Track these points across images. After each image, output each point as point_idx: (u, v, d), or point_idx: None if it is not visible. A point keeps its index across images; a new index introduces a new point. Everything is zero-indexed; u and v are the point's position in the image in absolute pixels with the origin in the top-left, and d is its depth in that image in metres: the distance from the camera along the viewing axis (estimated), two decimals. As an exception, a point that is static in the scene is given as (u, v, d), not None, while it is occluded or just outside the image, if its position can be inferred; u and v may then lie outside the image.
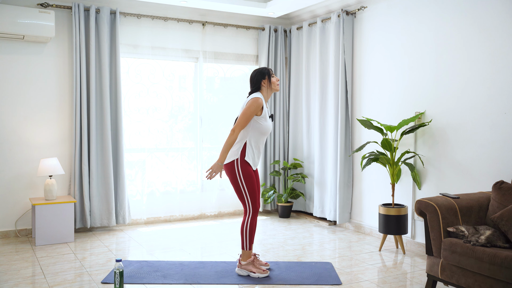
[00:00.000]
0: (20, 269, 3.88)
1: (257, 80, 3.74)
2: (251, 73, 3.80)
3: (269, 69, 3.79)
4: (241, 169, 3.63)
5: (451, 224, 3.19)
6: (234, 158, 3.64)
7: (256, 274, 3.66)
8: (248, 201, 3.67)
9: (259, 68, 3.80)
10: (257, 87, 3.75)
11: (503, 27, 3.78)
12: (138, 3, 5.40)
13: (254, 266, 3.70)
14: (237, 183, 3.65)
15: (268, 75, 3.76)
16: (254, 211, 3.67)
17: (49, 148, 5.08)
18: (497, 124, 3.83)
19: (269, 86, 3.77)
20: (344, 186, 5.32)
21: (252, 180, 3.65)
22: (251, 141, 3.66)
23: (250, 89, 3.78)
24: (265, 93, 3.76)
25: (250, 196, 3.65)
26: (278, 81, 3.81)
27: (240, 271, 3.72)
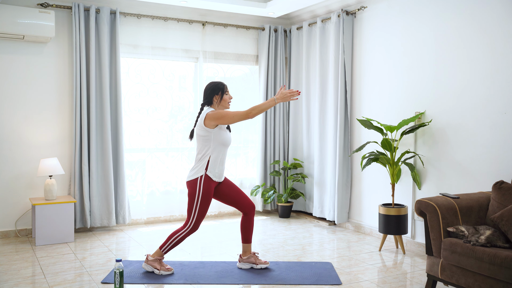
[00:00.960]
0: (20, 269, 3.88)
1: (210, 94, 3.72)
2: (206, 84, 3.80)
3: (224, 85, 3.76)
4: (203, 187, 3.62)
5: (451, 224, 3.19)
6: (199, 175, 3.63)
7: (160, 271, 3.70)
8: (193, 218, 3.66)
9: (215, 82, 3.77)
10: (209, 101, 3.73)
11: (503, 27, 3.78)
12: (138, 3, 5.40)
13: (160, 264, 3.73)
14: (193, 199, 3.64)
15: (222, 91, 3.73)
16: (193, 229, 3.68)
17: (49, 148, 5.09)
18: (497, 124, 3.83)
19: (218, 103, 3.73)
20: (342, 186, 5.32)
21: (207, 202, 3.66)
22: (213, 155, 3.65)
23: (203, 101, 3.76)
24: (215, 108, 3.73)
25: (198, 216, 3.66)
26: (230, 100, 3.76)
27: (146, 266, 3.76)
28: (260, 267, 3.84)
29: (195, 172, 3.65)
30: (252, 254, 3.91)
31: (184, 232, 3.68)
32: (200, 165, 3.65)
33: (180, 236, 3.68)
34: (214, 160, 3.65)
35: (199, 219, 3.67)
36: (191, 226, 3.67)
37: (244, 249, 3.90)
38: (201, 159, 3.66)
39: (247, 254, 3.90)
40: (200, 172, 3.64)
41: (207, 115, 3.61)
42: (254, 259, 3.88)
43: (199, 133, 3.67)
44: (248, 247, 3.89)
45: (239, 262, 3.92)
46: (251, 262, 3.88)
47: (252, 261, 3.88)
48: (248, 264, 3.88)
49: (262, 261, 3.89)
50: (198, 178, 3.63)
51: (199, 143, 3.70)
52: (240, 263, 3.89)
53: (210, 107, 3.73)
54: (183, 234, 3.68)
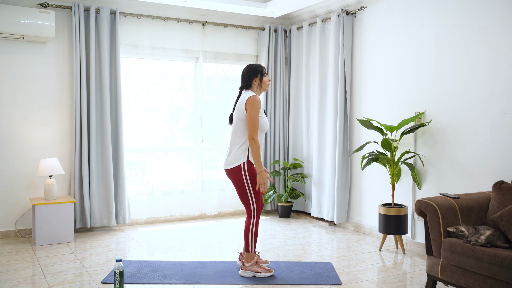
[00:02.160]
0: (20, 269, 3.88)
1: (249, 77, 3.65)
2: (243, 68, 3.71)
3: (262, 67, 3.69)
4: (248, 171, 3.58)
5: (451, 224, 3.19)
6: (241, 161, 3.57)
7: (262, 274, 3.65)
8: (253, 203, 3.62)
9: (253, 65, 3.69)
10: (248, 83, 3.66)
11: (503, 27, 3.78)
12: (138, 3, 5.40)
13: (259, 266, 3.69)
14: (243, 186, 3.59)
15: (261, 74, 3.67)
16: (258, 213, 3.65)
17: (49, 148, 5.08)
18: (497, 124, 3.83)
19: (259, 85, 3.68)
20: (342, 186, 5.32)
21: (256, 182, 3.61)
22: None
23: (241, 84, 3.70)
24: (255, 91, 3.67)
25: (255, 198, 3.62)
26: (269, 81, 3.72)
27: (245, 273, 3.68)
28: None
29: (237, 158, 3.58)
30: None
31: (254, 222, 3.63)
32: (240, 151, 3.58)
33: (253, 227, 3.63)
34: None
35: (258, 201, 3.63)
36: (255, 211, 3.63)
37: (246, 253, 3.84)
38: (241, 145, 3.59)
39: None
40: (242, 158, 3.57)
41: (249, 99, 3.53)
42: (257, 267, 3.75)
43: (240, 116, 3.59)
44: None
45: (241, 269, 3.75)
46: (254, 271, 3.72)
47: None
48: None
49: (262, 260, 3.87)
50: (241, 165, 3.57)
51: (238, 128, 3.61)
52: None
53: (250, 90, 3.65)
54: (255, 223, 3.63)
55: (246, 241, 3.66)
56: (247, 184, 3.58)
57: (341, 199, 5.33)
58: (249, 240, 3.65)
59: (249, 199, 3.62)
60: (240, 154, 3.58)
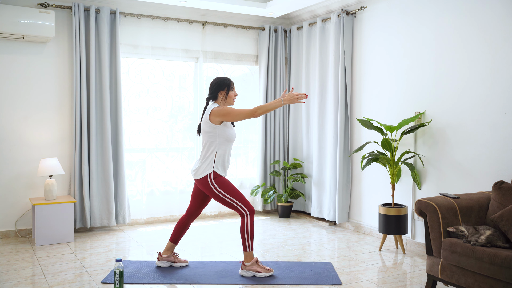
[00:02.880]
0: (20, 269, 3.88)
1: (216, 89, 3.71)
2: (212, 79, 3.78)
3: (230, 82, 3.74)
4: (215, 182, 3.62)
5: (451, 224, 3.19)
6: (206, 173, 3.63)
7: (262, 273, 3.66)
8: (239, 206, 3.65)
9: (222, 78, 3.75)
10: (214, 96, 3.72)
11: (503, 27, 3.78)
12: (138, 3, 5.40)
13: (259, 266, 3.69)
14: (218, 196, 3.64)
15: (228, 88, 3.72)
16: (250, 212, 3.67)
17: (49, 148, 5.08)
18: (497, 124, 3.83)
19: (224, 99, 3.72)
20: (343, 186, 5.32)
21: (230, 186, 3.65)
22: (219, 152, 3.65)
23: (208, 95, 3.76)
24: (220, 103, 3.72)
25: (239, 200, 3.65)
26: (235, 96, 3.76)
27: (245, 273, 3.69)
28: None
29: (204, 169, 3.64)
30: (172, 253, 3.94)
31: (248, 221, 3.65)
32: (207, 163, 3.64)
33: (247, 225, 3.64)
34: (221, 156, 3.65)
35: (243, 201, 3.65)
36: (246, 211, 3.65)
37: (167, 247, 3.91)
38: (208, 156, 3.65)
39: (168, 253, 3.91)
40: (208, 169, 3.63)
41: (212, 111, 3.60)
42: (174, 258, 3.92)
43: (205, 128, 3.66)
44: (172, 247, 3.91)
45: (158, 259, 3.91)
46: (170, 261, 3.91)
47: (171, 260, 3.91)
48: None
49: (181, 260, 3.94)
50: (207, 176, 3.62)
51: (204, 138, 3.69)
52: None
53: (215, 102, 3.71)
54: (248, 222, 3.65)
55: (242, 240, 3.68)
56: (221, 194, 3.63)
57: (343, 199, 5.33)
58: (245, 239, 3.67)
59: (232, 204, 3.65)
60: (206, 166, 3.65)
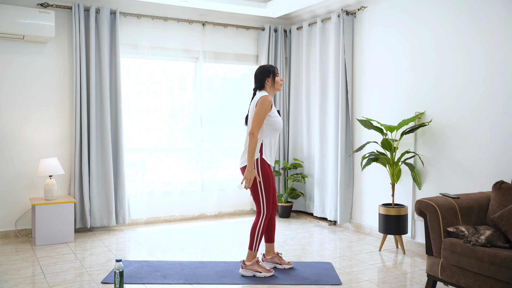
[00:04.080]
0: (20, 269, 3.88)
1: (262, 78, 3.72)
2: (256, 69, 3.79)
3: (274, 68, 3.76)
4: (261, 169, 3.62)
5: (451, 224, 3.19)
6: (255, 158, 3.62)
7: (262, 273, 3.66)
8: (263, 203, 3.65)
9: (265, 66, 3.77)
10: (261, 84, 3.73)
11: (503, 27, 3.78)
12: (138, 3, 5.40)
13: (259, 266, 3.70)
14: (254, 184, 3.63)
15: (273, 74, 3.74)
16: (267, 213, 3.67)
17: (49, 148, 5.09)
18: (497, 124, 3.83)
19: (272, 85, 3.75)
20: (344, 186, 5.32)
21: (269, 182, 3.65)
22: (266, 139, 3.66)
23: (254, 85, 3.77)
24: (269, 91, 3.74)
25: (266, 198, 3.65)
26: (281, 81, 3.79)
27: (245, 272, 3.70)
28: (283, 267, 3.82)
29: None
30: (276, 254, 3.91)
31: (262, 221, 3.66)
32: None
33: (261, 226, 3.66)
34: (267, 144, 3.66)
35: (269, 201, 3.66)
36: (265, 211, 3.66)
37: (267, 248, 3.91)
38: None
39: (270, 253, 3.91)
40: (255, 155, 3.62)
41: (260, 98, 3.61)
42: (278, 259, 3.89)
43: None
44: (271, 247, 3.90)
45: (262, 261, 3.90)
46: (275, 262, 3.88)
47: (275, 261, 3.88)
48: (271, 263, 3.87)
49: (285, 262, 3.90)
50: (254, 162, 3.60)
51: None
52: (264, 262, 3.88)
53: (263, 91, 3.71)
54: (262, 223, 3.66)
55: (251, 239, 3.68)
56: (259, 183, 3.63)
57: (344, 199, 5.33)
58: (254, 238, 3.67)
59: (259, 197, 3.65)
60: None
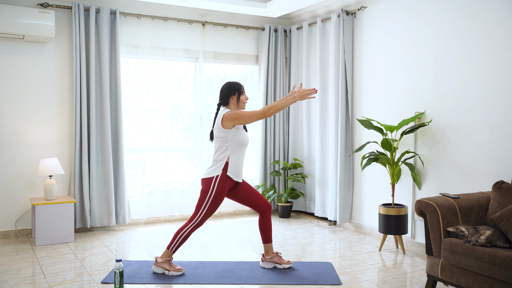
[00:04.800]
0: (20, 269, 3.88)
1: (227, 95, 3.73)
2: (223, 84, 3.80)
3: (241, 86, 3.78)
4: (217, 187, 3.63)
5: (451, 224, 3.19)
6: (215, 174, 3.64)
7: (170, 272, 3.70)
8: (200, 215, 3.67)
9: (232, 83, 3.78)
10: (225, 101, 3.74)
11: (503, 27, 3.78)
12: (138, 3, 5.40)
13: (170, 265, 3.73)
14: (205, 196, 3.65)
15: (239, 92, 3.75)
16: (198, 225, 3.70)
17: (49, 148, 5.09)
18: (497, 124, 3.83)
19: (236, 103, 3.75)
20: (344, 186, 5.32)
21: (218, 202, 3.67)
22: (232, 156, 3.66)
23: (219, 101, 3.78)
24: (232, 109, 3.74)
25: (206, 213, 3.67)
26: (246, 100, 3.79)
27: (156, 269, 3.74)
28: (283, 267, 3.85)
29: (212, 170, 3.66)
30: (275, 253, 3.93)
31: (189, 228, 3.68)
32: (218, 165, 3.65)
33: (186, 232, 3.68)
34: (234, 160, 3.67)
35: (206, 216, 3.68)
36: (197, 221, 3.67)
37: (265, 249, 3.92)
38: (220, 160, 3.66)
39: (269, 254, 3.92)
40: (217, 171, 3.64)
41: (224, 116, 3.62)
42: (278, 259, 3.90)
43: (217, 134, 3.68)
44: (269, 247, 3.91)
45: (262, 261, 3.94)
46: (274, 262, 3.90)
47: (275, 261, 3.90)
48: (271, 263, 3.91)
49: (285, 261, 3.92)
50: (214, 177, 3.64)
51: (217, 143, 3.71)
52: (263, 262, 3.91)
53: (226, 108, 3.73)
54: (188, 230, 3.68)
55: (172, 239, 3.71)
56: (210, 196, 3.64)
57: (344, 199, 5.33)
58: (175, 240, 3.70)
59: (201, 208, 3.67)
60: (217, 167, 3.66)
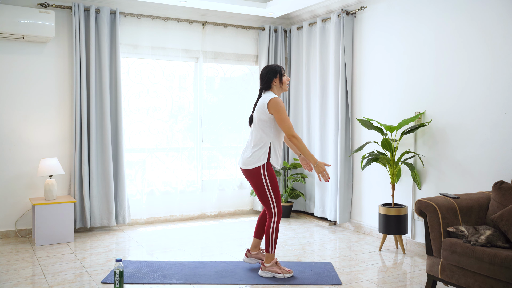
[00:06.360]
0: (20, 269, 3.88)
1: (268, 79, 3.64)
2: (262, 69, 3.72)
3: (281, 68, 3.69)
4: (267, 173, 3.58)
5: (451, 224, 3.19)
6: (261, 163, 3.56)
7: (281, 274, 3.64)
8: (273, 204, 3.62)
9: (271, 66, 3.68)
10: (268, 85, 3.65)
11: (503, 27, 3.78)
12: (138, 3, 5.40)
13: (279, 267, 3.69)
14: (262, 187, 3.59)
15: (280, 74, 3.67)
16: (279, 214, 3.65)
17: (49, 148, 5.09)
18: (497, 124, 3.83)
19: (279, 86, 3.68)
20: (344, 186, 5.32)
21: (276, 183, 3.62)
22: (274, 142, 3.61)
23: (261, 86, 3.69)
24: (276, 92, 3.67)
25: (276, 199, 3.62)
26: (288, 81, 3.72)
27: (264, 273, 3.67)
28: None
29: (256, 159, 3.57)
30: (260, 250, 3.91)
31: (274, 223, 3.62)
32: (261, 153, 3.57)
33: (274, 227, 3.62)
34: (275, 147, 3.62)
35: (278, 201, 3.63)
36: (276, 212, 3.62)
37: (254, 243, 3.89)
38: (261, 147, 3.58)
39: (255, 250, 3.90)
40: (262, 160, 3.57)
41: (271, 102, 3.52)
42: (262, 256, 3.88)
43: (262, 117, 3.57)
44: (258, 243, 3.89)
45: (246, 256, 3.90)
46: (259, 258, 3.88)
47: (260, 257, 3.88)
48: (256, 259, 3.87)
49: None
50: (260, 166, 3.57)
51: (258, 129, 3.60)
52: (248, 257, 3.85)
53: (270, 91, 3.64)
54: (274, 224, 3.62)
55: (266, 241, 3.66)
56: (267, 186, 3.59)
57: (344, 199, 5.33)
58: (269, 241, 3.64)
59: (269, 200, 3.62)
60: (260, 156, 3.58)
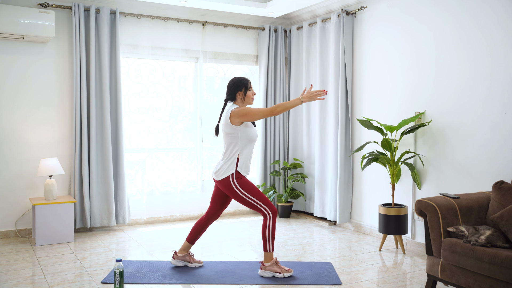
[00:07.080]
0: (20, 269, 3.88)
1: (233, 90, 3.70)
2: (230, 80, 3.77)
3: (247, 81, 3.73)
4: (238, 182, 3.61)
5: (451, 224, 3.19)
6: (229, 173, 3.61)
7: (281, 274, 3.65)
8: (261, 206, 3.63)
9: (239, 78, 3.74)
10: (232, 97, 3.71)
11: (503, 27, 3.78)
12: (138, 3, 5.40)
13: (279, 267, 3.69)
14: (240, 197, 3.62)
15: (246, 88, 3.71)
16: (273, 213, 3.65)
17: (49, 148, 5.09)
18: (497, 124, 3.83)
19: (243, 99, 3.72)
20: (344, 186, 5.32)
21: (252, 187, 3.64)
22: (242, 152, 3.65)
23: (226, 96, 3.75)
24: (239, 104, 3.72)
25: (261, 201, 3.63)
26: (254, 95, 3.75)
27: (264, 273, 3.68)
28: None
29: (225, 170, 3.62)
30: (188, 253, 3.94)
31: (270, 221, 3.63)
32: (230, 162, 3.62)
33: (269, 226, 3.63)
34: (244, 156, 3.65)
35: (266, 202, 3.64)
36: (269, 212, 3.63)
37: (183, 246, 3.90)
38: (229, 157, 3.63)
39: (183, 252, 3.91)
40: (230, 170, 3.61)
41: (232, 113, 3.59)
42: (189, 258, 3.92)
43: (226, 130, 3.64)
44: (188, 247, 3.91)
45: (173, 258, 3.91)
46: (186, 261, 3.92)
47: (186, 259, 3.92)
48: (182, 262, 3.90)
49: (196, 260, 3.95)
50: (229, 176, 3.61)
51: (226, 140, 3.67)
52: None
53: (234, 103, 3.71)
54: (271, 223, 3.63)
55: (263, 241, 3.67)
56: (243, 194, 3.62)
57: (344, 199, 5.33)
58: (266, 240, 3.65)
59: (255, 205, 3.64)
60: (228, 166, 3.63)
